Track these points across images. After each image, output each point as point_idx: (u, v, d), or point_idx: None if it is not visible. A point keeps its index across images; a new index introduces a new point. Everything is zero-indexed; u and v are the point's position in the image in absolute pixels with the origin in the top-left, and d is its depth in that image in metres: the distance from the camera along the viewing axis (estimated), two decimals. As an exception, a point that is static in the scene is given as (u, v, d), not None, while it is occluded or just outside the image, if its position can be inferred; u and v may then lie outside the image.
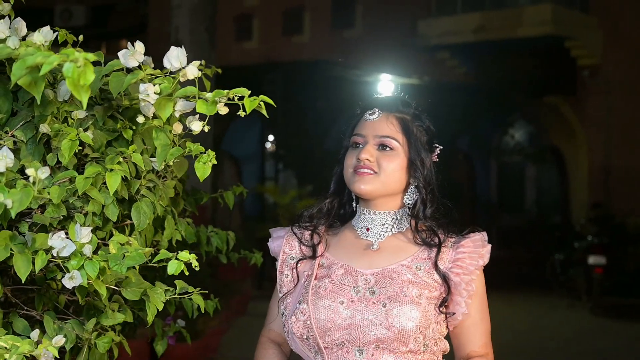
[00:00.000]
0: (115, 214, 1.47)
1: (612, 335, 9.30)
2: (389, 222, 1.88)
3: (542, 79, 16.76)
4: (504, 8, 16.63)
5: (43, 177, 1.17)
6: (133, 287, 1.50)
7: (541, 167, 18.11)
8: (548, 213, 17.22)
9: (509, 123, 17.64)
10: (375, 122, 1.89)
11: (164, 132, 1.48)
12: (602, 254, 11.05)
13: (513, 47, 16.63)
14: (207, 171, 1.41)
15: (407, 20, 17.98)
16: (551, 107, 17.24)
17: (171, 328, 1.99)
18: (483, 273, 1.86)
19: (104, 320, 1.59)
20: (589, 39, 16.19)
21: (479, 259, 1.82)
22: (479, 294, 1.83)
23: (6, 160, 1.14)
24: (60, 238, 1.30)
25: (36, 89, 1.20)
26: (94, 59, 1.03)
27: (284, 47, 20.72)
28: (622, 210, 13.92)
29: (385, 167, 1.84)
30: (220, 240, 2.07)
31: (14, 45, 1.19)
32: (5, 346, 1.25)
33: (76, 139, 1.41)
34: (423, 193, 1.86)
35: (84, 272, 1.33)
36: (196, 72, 1.35)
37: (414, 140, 1.87)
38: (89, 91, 1.07)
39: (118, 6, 23.05)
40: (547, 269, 12.33)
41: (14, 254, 1.30)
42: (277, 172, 16.03)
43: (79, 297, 1.46)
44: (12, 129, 1.45)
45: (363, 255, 1.86)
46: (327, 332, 1.76)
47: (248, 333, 2.27)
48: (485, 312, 1.87)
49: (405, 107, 1.92)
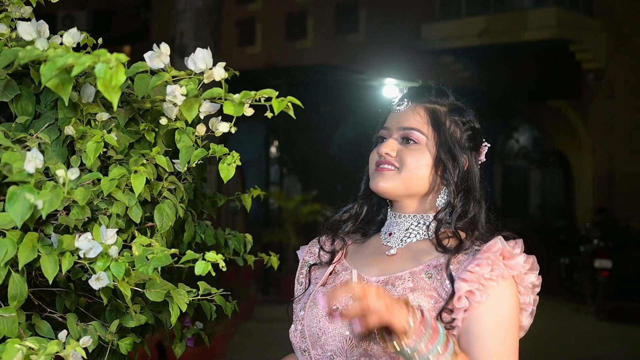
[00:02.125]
0: (138, 216, 1.48)
1: (618, 338, 9.28)
2: (413, 226, 1.68)
3: (547, 83, 16.75)
4: (508, 12, 16.62)
5: (73, 178, 1.18)
6: (157, 289, 1.50)
7: (545, 171, 18.08)
8: (552, 217, 17.19)
9: (513, 127, 17.62)
10: (401, 113, 1.70)
11: (187, 133, 1.49)
12: (608, 258, 11.05)
13: (517, 51, 16.62)
14: (231, 172, 1.41)
15: (410, 24, 17.99)
16: (555, 111, 17.23)
17: (189, 330, 1.99)
18: (512, 287, 1.56)
19: (126, 321, 1.59)
20: (594, 43, 16.18)
21: (500, 268, 1.54)
22: (493, 310, 1.53)
23: (36, 161, 1.15)
24: (87, 239, 1.30)
25: (64, 90, 1.20)
26: (126, 59, 1.04)
27: (287, 52, 20.75)
28: (626, 214, 13.91)
29: (407, 163, 1.64)
30: (237, 243, 2.06)
31: (43, 47, 1.20)
32: (33, 347, 1.26)
33: (101, 141, 1.41)
34: (452, 196, 1.64)
35: (109, 273, 1.33)
36: (223, 74, 1.35)
37: (445, 134, 1.65)
38: (119, 92, 1.08)
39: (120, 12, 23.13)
40: (552, 273, 12.34)
41: (41, 255, 1.30)
42: (281, 177, 16.04)
43: (103, 298, 1.46)
44: (36, 132, 1.45)
45: (377, 261, 1.69)
46: (317, 341, 1.62)
47: (254, 338, 2.23)
48: (504, 336, 1.53)
49: (440, 97, 1.71)
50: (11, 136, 1.37)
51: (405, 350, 1.38)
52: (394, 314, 1.35)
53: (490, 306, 1.53)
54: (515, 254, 1.57)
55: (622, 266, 11.50)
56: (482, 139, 1.73)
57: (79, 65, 1.04)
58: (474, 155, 1.70)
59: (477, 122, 1.72)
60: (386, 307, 1.34)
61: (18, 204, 1.15)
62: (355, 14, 20.34)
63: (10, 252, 1.27)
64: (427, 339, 1.38)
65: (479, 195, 1.68)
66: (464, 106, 1.73)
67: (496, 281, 1.53)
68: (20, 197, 1.15)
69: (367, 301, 1.33)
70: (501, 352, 1.52)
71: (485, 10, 16.98)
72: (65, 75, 1.17)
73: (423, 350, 1.38)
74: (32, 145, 1.36)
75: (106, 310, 1.66)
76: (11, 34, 1.46)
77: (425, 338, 1.38)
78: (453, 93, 1.74)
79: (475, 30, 16.66)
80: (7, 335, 1.32)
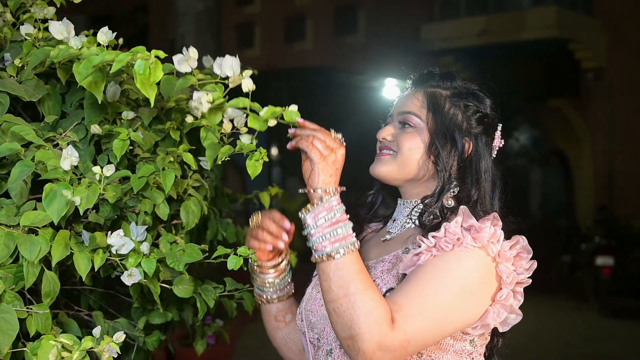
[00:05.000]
0: (166, 213, 1.49)
1: (620, 336, 9.30)
2: (414, 212, 1.63)
3: (546, 82, 16.77)
4: (508, 11, 16.65)
5: (108, 175, 1.19)
6: (184, 285, 1.52)
7: (546, 171, 18.10)
8: (553, 216, 17.22)
9: (513, 127, 17.64)
10: (403, 98, 1.68)
11: (212, 131, 1.50)
12: (610, 255, 11.06)
13: (517, 51, 16.65)
14: (259, 169, 1.42)
15: (410, 25, 18.00)
16: (555, 111, 17.25)
17: (210, 328, 2.00)
18: (473, 257, 1.46)
19: (153, 318, 1.61)
20: (593, 42, 16.20)
21: (454, 238, 1.47)
22: (437, 263, 1.45)
23: (71, 158, 1.16)
24: (119, 236, 1.31)
25: (97, 89, 1.22)
26: (164, 56, 1.05)
27: (286, 54, 20.76)
28: (627, 212, 13.94)
29: (402, 147, 1.61)
30: (257, 241, 2.07)
31: (76, 46, 1.21)
32: (67, 343, 1.27)
33: (127, 139, 1.43)
34: (441, 182, 1.59)
35: (140, 269, 1.35)
36: (251, 86, 1.36)
37: (442, 117, 1.60)
38: (156, 88, 1.09)
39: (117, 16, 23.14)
40: (553, 271, 12.35)
41: (74, 252, 1.32)
42: (283, 179, 16.03)
43: (133, 295, 1.47)
44: (64, 131, 1.46)
45: (376, 246, 1.68)
46: (309, 323, 1.61)
47: (260, 338, 2.22)
48: (438, 283, 1.43)
49: (444, 81, 1.67)
50: (41, 135, 1.39)
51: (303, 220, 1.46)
52: (322, 166, 1.45)
53: (436, 261, 1.46)
54: (483, 227, 1.48)
55: (624, 264, 11.51)
56: (496, 124, 1.68)
57: (117, 62, 1.06)
58: (482, 139, 1.64)
59: (490, 107, 1.68)
60: (322, 155, 1.44)
61: (55, 201, 1.16)
62: (354, 16, 20.36)
63: (43, 250, 1.29)
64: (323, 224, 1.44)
65: (485, 180, 1.61)
66: (475, 90, 1.68)
67: (451, 248, 1.46)
68: (57, 194, 1.16)
69: (321, 134, 1.45)
70: (428, 295, 1.43)
71: (485, 10, 16.99)
72: (98, 74, 1.19)
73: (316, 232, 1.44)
74: (62, 144, 1.37)
75: (132, 308, 1.67)
76: (38, 34, 1.48)
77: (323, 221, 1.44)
78: (463, 78, 1.70)
79: (474, 30, 16.67)
80: (41, 332, 1.33)
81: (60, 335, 1.31)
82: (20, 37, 1.53)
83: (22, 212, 1.31)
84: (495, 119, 1.69)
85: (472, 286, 1.46)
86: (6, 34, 1.55)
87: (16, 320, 1.28)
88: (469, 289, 1.45)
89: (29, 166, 1.23)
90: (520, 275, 1.52)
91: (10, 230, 1.28)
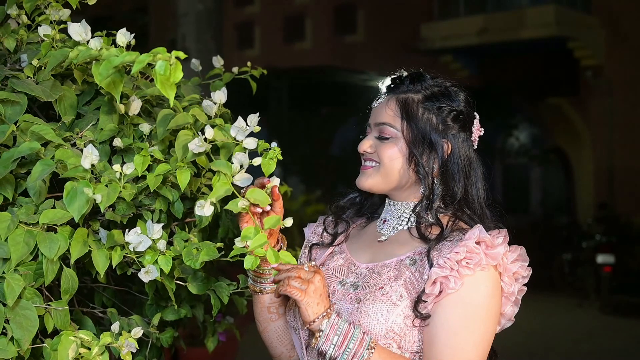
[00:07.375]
0: (180, 211, 1.51)
1: (622, 333, 9.31)
2: (405, 214, 1.67)
3: (546, 80, 16.79)
4: (506, 10, 16.66)
5: (128, 173, 1.21)
6: (198, 282, 1.54)
7: (546, 168, 18.12)
8: (554, 214, 17.23)
9: (513, 125, 17.66)
10: (377, 108, 1.69)
11: (225, 130, 1.52)
12: (611, 253, 11.08)
13: (516, 49, 16.67)
14: (273, 167, 1.44)
15: (409, 24, 18.02)
16: (555, 108, 17.27)
17: (221, 325, 2.03)
18: (490, 277, 1.54)
19: (167, 315, 1.63)
20: (592, 40, 16.22)
21: (478, 257, 1.52)
22: (465, 299, 1.51)
23: (92, 157, 1.19)
24: (136, 234, 1.34)
25: (115, 89, 1.24)
26: (184, 56, 1.08)
27: (286, 54, 20.76)
28: (627, 209, 13.96)
29: (382, 158, 1.64)
30: (266, 239, 2.09)
31: (96, 47, 1.23)
32: (86, 339, 1.29)
33: (147, 155, 1.42)
34: (426, 189, 1.63)
35: (157, 266, 1.37)
36: (254, 145, 1.42)
37: (417, 124, 1.62)
38: (175, 89, 1.12)
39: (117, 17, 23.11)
40: (554, 269, 12.37)
41: (92, 250, 1.34)
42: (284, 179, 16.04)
43: (149, 292, 1.50)
44: (80, 131, 1.49)
45: (369, 247, 1.71)
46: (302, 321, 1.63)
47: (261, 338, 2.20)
48: (474, 325, 1.51)
49: (415, 84, 1.67)
50: (59, 135, 1.41)
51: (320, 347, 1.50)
52: (306, 301, 1.47)
53: (463, 294, 1.51)
54: (496, 244, 1.55)
55: (625, 261, 11.54)
56: (473, 117, 1.69)
57: (138, 63, 1.08)
58: (460, 136, 1.66)
59: (464, 101, 1.68)
60: (302, 291, 1.47)
61: (76, 199, 1.18)
62: (353, 15, 20.36)
63: (62, 247, 1.31)
64: (337, 343, 1.48)
65: (467, 174, 1.65)
66: (447, 87, 1.68)
67: (472, 270, 1.52)
68: (78, 192, 1.18)
69: (294, 272, 1.49)
70: (472, 341, 1.51)
71: (484, 9, 17.01)
72: (116, 75, 1.21)
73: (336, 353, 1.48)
74: (80, 143, 1.40)
75: (146, 305, 1.69)
76: (55, 35, 1.50)
77: (336, 343, 1.48)
78: (434, 74, 1.70)
79: (473, 29, 16.69)
80: (60, 328, 1.36)
81: (79, 331, 1.34)
82: (36, 38, 1.56)
83: (41, 210, 1.33)
84: (471, 113, 1.70)
85: (495, 310, 1.56)
86: (22, 36, 1.58)
87: (36, 316, 1.31)
88: (495, 312, 1.56)
89: (50, 165, 1.26)
90: (519, 282, 1.64)
91: (29, 228, 1.31)
